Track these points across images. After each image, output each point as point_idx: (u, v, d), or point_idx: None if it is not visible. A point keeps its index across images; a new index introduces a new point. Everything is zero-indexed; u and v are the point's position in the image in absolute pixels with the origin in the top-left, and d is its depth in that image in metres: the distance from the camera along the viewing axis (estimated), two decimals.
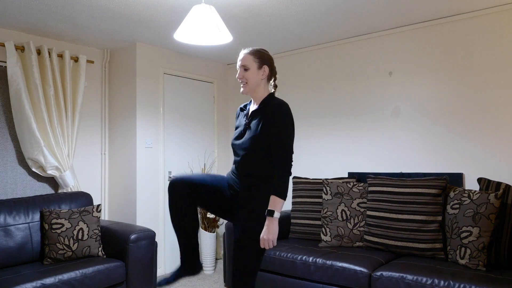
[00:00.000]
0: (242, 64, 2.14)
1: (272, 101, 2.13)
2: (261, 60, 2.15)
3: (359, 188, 3.37)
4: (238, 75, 2.16)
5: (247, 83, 2.14)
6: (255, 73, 2.13)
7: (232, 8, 3.13)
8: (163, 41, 4.00)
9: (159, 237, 4.14)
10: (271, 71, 2.19)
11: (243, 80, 2.15)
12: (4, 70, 3.49)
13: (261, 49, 2.19)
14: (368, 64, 3.85)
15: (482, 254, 2.62)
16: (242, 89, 2.17)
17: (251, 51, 2.16)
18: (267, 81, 2.19)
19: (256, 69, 2.13)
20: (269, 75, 2.18)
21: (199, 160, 4.60)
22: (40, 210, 3.20)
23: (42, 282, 2.59)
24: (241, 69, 2.15)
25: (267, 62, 2.17)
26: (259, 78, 2.14)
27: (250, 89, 2.16)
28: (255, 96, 2.19)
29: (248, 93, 2.18)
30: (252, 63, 2.13)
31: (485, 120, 3.22)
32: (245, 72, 2.13)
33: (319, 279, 2.92)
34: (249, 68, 2.13)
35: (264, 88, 2.18)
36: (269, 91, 2.20)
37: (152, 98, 4.17)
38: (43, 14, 3.21)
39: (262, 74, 2.15)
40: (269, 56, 2.20)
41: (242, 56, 2.16)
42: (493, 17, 3.20)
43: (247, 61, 2.13)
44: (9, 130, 3.53)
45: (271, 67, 2.19)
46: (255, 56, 2.14)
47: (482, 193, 2.74)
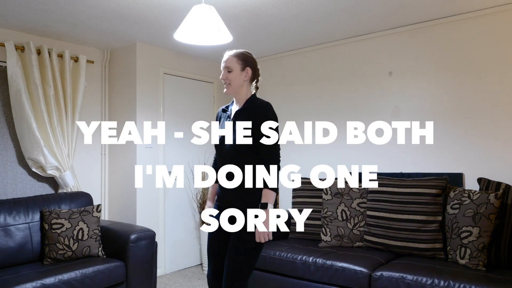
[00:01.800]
0: (225, 66, 2.24)
1: (255, 101, 2.23)
2: (244, 62, 2.24)
3: (359, 188, 3.37)
4: (222, 76, 2.25)
5: (230, 84, 2.24)
6: (238, 74, 2.23)
7: (232, 8, 3.13)
8: (163, 41, 4.00)
9: (159, 237, 4.15)
10: (253, 73, 2.28)
11: (226, 81, 2.24)
12: (4, 70, 3.49)
13: (244, 52, 2.29)
14: (368, 64, 3.85)
15: (482, 254, 2.62)
16: (226, 89, 2.27)
17: (235, 53, 2.25)
18: (249, 83, 2.28)
19: (239, 71, 2.23)
20: (251, 77, 2.27)
21: (199, 160, 4.61)
22: (40, 210, 3.20)
23: (42, 282, 2.59)
24: (225, 70, 2.25)
25: (250, 64, 2.26)
26: (242, 79, 2.24)
27: (233, 90, 2.25)
28: (238, 97, 2.28)
29: (231, 93, 2.27)
30: (236, 65, 2.22)
31: (485, 120, 3.22)
32: (229, 74, 2.23)
33: (319, 279, 2.92)
34: (232, 69, 2.22)
35: (247, 89, 2.27)
36: (252, 92, 2.30)
37: (152, 98, 4.17)
38: (43, 14, 3.21)
39: (245, 75, 2.24)
40: (252, 58, 2.30)
41: (226, 58, 2.25)
42: (493, 17, 3.20)
43: (231, 63, 2.23)
44: (9, 130, 3.53)
45: (254, 69, 2.28)
46: (239, 58, 2.24)
47: (482, 193, 2.74)
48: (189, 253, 4.50)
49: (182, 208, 4.44)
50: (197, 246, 4.57)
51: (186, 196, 4.48)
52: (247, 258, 2.14)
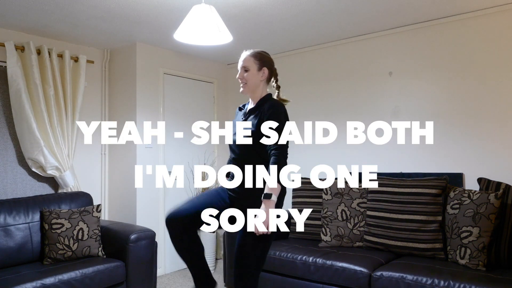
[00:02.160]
0: (243, 65, 2.24)
1: (268, 101, 2.22)
2: (261, 62, 2.24)
3: (359, 188, 3.37)
4: (239, 75, 2.25)
5: (246, 83, 2.23)
6: (255, 74, 2.22)
7: (232, 8, 3.13)
8: (163, 41, 4.00)
9: (159, 237, 4.15)
10: (270, 73, 2.28)
11: (243, 81, 2.24)
12: (4, 70, 3.49)
13: (262, 51, 2.28)
14: (368, 64, 3.85)
15: (482, 254, 2.62)
16: (242, 89, 2.26)
17: (252, 53, 2.25)
18: (266, 83, 2.28)
19: (256, 71, 2.23)
20: (268, 77, 2.27)
21: (199, 160, 4.61)
22: (40, 210, 3.20)
23: (42, 282, 2.59)
24: (242, 70, 2.24)
25: (267, 64, 2.26)
26: (259, 79, 2.23)
27: (249, 89, 2.25)
28: (253, 96, 2.28)
29: (247, 93, 2.27)
30: (253, 64, 2.22)
31: (485, 120, 3.22)
32: (245, 73, 2.23)
33: (319, 279, 2.92)
34: (249, 69, 2.22)
35: (263, 89, 2.27)
36: (267, 92, 2.29)
37: (152, 98, 4.17)
38: (43, 14, 3.21)
39: (262, 75, 2.24)
40: (270, 58, 2.29)
41: (244, 57, 2.25)
42: (493, 17, 3.20)
43: (248, 63, 2.23)
44: (9, 130, 3.53)
45: (271, 69, 2.28)
46: (256, 58, 2.23)
47: (482, 193, 2.74)
48: None
49: None
50: None
51: (186, 196, 4.48)
52: (255, 253, 2.12)
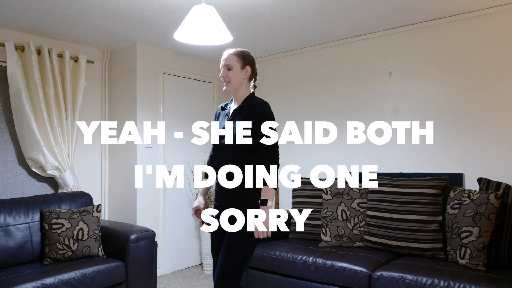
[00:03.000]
0: (225, 64, 2.25)
1: (253, 100, 2.24)
2: (244, 60, 2.25)
3: (359, 188, 3.37)
4: (222, 74, 2.26)
5: (230, 82, 2.25)
6: (238, 72, 2.24)
7: (232, 8, 3.13)
8: (163, 41, 4.00)
9: (159, 237, 4.15)
10: (252, 72, 2.30)
11: (226, 79, 2.25)
12: (4, 70, 3.49)
13: (244, 50, 2.30)
14: (368, 64, 3.85)
15: (482, 254, 2.62)
16: (225, 87, 2.27)
17: (234, 52, 2.26)
18: (248, 81, 2.30)
19: (239, 69, 2.24)
20: (250, 76, 2.29)
21: (199, 160, 4.61)
22: (40, 210, 3.20)
23: (42, 282, 2.59)
24: (225, 68, 2.25)
25: (249, 62, 2.28)
26: (242, 77, 2.25)
27: (233, 88, 2.26)
28: (236, 95, 2.30)
29: (231, 91, 2.28)
30: (236, 63, 2.24)
31: (485, 120, 3.22)
32: (228, 72, 2.24)
33: (319, 279, 2.92)
34: (232, 67, 2.23)
35: (246, 88, 2.29)
36: (250, 91, 2.31)
37: (152, 98, 4.17)
38: (43, 14, 3.21)
39: (245, 74, 2.26)
40: (251, 57, 2.32)
41: (226, 56, 2.26)
42: (493, 17, 3.20)
43: (231, 61, 2.24)
44: (9, 130, 3.53)
45: (253, 68, 2.30)
46: (239, 57, 2.25)
47: (482, 193, 2.74)
48: (189, 253, 4.50)
49: (182, 208, 4.44)
50: (197, 246, 4.57)
51: (186, 196, 4.48)
52: (240, 254, 2.14)
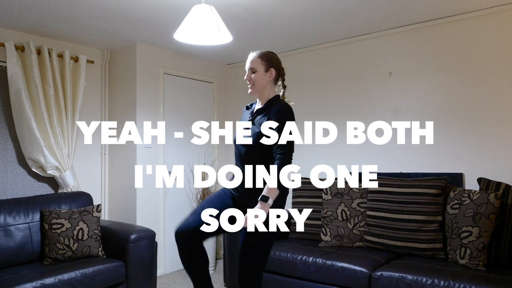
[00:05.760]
0: (250, 67, 2.26)
1: (276, 102, 2.24)
2: (268, 63, 2.26)
3: (359, 188, 3.37)
4: (246, 77, 2.28)
5: (254, 85, 2.26)
6: (262, 75, 2.25)
7: (232, 8, 3.13)
8: (163, 41, 4.00)
9: (159, 237, 4.15)
10: (278, 73, 2.29)
11: (250, 82, 2.26)
12: (4, 70, 3.49)
13: (268, 52, 2.30)
14: (368, 64, 3.85)
15: (482, 254, 2.62)
16: (250, 90, 2.29)
17: (259, 54, 2.27)
18: (273, 83, 2.30)
19: (263, 72, 2.25)
20: (275, 77, 2.29)
21: (199, 160, 4.61)
22: (40, 210, 3.20)
23: (42, 282, 2.59)
24: (249, 71, 2.27)
25: (274, 65, 2.28)
26: (266, 80, 2.26)
27: (257, 90, 2.27)
28: (261, 97, 2.30)
29: (255, 94, 2.29)
30: (260, 66, 2.25)
31: (485, 120, 3.22)
32: (253, 74, 2.25)
33: (319, 279, 2.92)
34: (256, 70, 2.25)
35: (271, 90, 2.29)
36: (275, 93, 2.31)
37: (152, 98, 4.17)
38: (43, 14, 3.21)
39: (269, 76, 2.26)
40: (277, 58, 2.31)
41: (251, 59, 2.28)
42: (493, 17, 3.20)
43: (255, 64, 2.25)
44: (9, 130, 3.53)
45: (278, 69, 2.30)
46: (263, 59, 2.25)
47: (482, 193, 2.74)
48: None
49: (182, 208, 4.44)
50: None
51: (186, 196, 4.48)
52: (258, 253, 2.16)
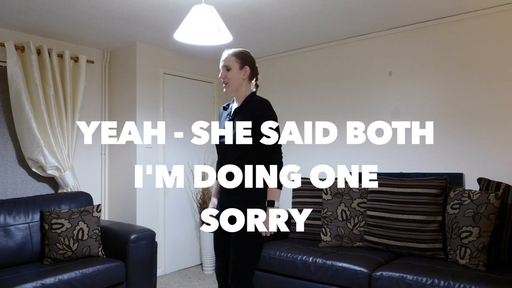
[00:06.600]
0: (224, 65, 2.25)
1: (254, 98, 2.24)
2: (242, 60, 2.25)
3: (359, 188, 3.37)
4: (221, 74, 2.26)
5: (228, 83, 2.24)
6: (237, 73, 2.23)
7: (232, 8, 3.13)
8: (163, 41, 4.00)
9: (159, 237, 4.15)
10: (252, 71, 2.29)
11: (225, 80, 2.25)
12: (4, 70, 3.49)
13: (243, 50, 2.30)
14: (368, 64, 3.85)
15: (482, 254, 2.62)
16: (225, 89, 2.27)
17: (233, 52, 2.26)
18: (248, 81, 2.29)
19: (238, 69, 2.24)
20: (250, 75, 2.28)
21: (199, 160, 4.61)
22: (40, 210, 3.20)
23: (42, 282, 2.59)
24: (224, 69, 2.25)
25: (249, 62, 2.27)
26: (241, 78, 2.25)
27: (232, 88, 2.26)
28: (237, 95, 2.29)
29: (231, 92, 2.28)
30: (234, 63, 2.23)
31: (485, 120, 3.22)
32: (227, 72, 2.24)
33: (319, 279, 2.92)
34: (231, 68, 2.23)
35: (246, 88, 2.28)
36: (251, 91, 2.31)
37: (152, 98, 4.17)
38: (43, 14, 3.21)
39: (244, 74, 2.25)
40: (251, 57, 2.31)
41: (225, 57, 2.26)
42: (493, 17, 3.20)
43: (229, 62, 2.24)
44: (9, 130, 3.53)
45: (253, 67, 2.29)
46: (237, 57, 2.24)
47: (482, 193, 2.74)
48: (189, 253, 4.50)
49: (182, 208, 4.44)
50: (197, 246, 4.57)
51: (186, 196, 4.48)
52: (249, 254, 2.16)
